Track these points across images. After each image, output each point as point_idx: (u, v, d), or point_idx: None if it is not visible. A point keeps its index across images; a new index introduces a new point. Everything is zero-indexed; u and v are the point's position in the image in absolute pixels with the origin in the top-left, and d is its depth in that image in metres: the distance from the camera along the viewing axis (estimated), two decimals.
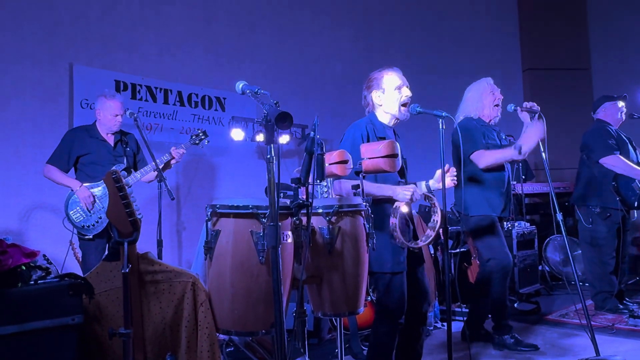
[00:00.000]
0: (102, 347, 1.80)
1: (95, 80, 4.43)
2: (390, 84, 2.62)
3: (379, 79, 2.65)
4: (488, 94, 3.52)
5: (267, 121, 1.75)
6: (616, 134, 4.23)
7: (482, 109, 3.52)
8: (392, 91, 2.61)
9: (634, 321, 3.79)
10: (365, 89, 2.70)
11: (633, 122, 4.44)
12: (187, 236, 5.00)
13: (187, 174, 5.08)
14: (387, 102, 2.63)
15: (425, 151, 4.64)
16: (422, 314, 2.63)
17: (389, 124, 2.67)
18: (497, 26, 7.94)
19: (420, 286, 2.62)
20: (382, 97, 2.63)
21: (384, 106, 2.64)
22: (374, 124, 2.62)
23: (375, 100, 2.65)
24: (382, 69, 2.68)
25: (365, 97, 2.70)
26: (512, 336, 3.35)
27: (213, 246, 1.92)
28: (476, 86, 3.60)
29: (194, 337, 1.87)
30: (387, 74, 2.65)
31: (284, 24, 5.90)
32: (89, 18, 4.54)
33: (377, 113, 2.67)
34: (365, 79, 2.74)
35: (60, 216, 3.52)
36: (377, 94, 2.64)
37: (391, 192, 2.45)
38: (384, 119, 2.67)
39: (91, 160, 3.56)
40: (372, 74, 2.70)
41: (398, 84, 2.62)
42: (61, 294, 1.70)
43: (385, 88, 2.63)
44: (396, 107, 2.62)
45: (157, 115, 4.90)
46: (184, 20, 5.16)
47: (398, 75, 2.65)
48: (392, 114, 2.64)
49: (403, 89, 2.63)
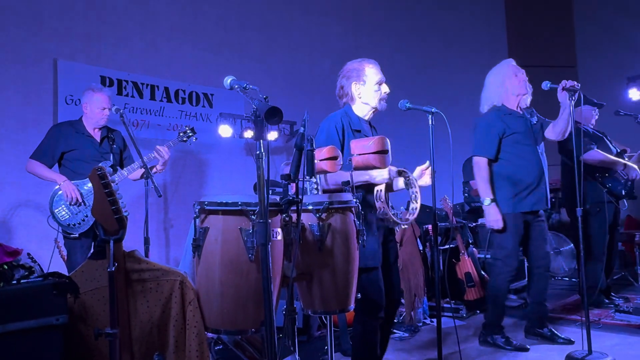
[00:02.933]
0: (87, 348, 1.76)
1: (80, 75, 4.36)
2: (372, 78, 2.59)
3: (360, 70, 2.59)
4: (511, 76, 3.36)
5: (256, 117, 1.72)
6: (591, 131, 4.25)
7: (506, 95, 3.36)
8: (373, 85, 2.58)
9: (620, 316, 3.83)
10: (343, 78, 2.62)
11: (619, 119, 4.48)
12: (175, 234, 4.95)
13: (174, 171, 5.02)
14: (366, 95, 2.59)
15: (415, 147, 4.64)
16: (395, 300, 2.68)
17: (365, 117, 2.64)
18: (485, 24, 7.98)
19: (393, 280, 2.65)
20: (362, 90, 2.59)
21: (363, 98, 2.60)
22: (349, 117, 2.58)
23: (354, 91, 2.60)
24: (361, 60, 2.63)
25: (342, 87, 2.62)
26: (504, 336, 3.36)
27: (201, 244, 1.89)
28: (497, 70, 3.44)
29: (182, 337, 1.84)
30: (368, 66, 2.61)
31: (273, 19, 5.86)
32: (74, 12, 4.46)
33: (354, 105, 2.63)
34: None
35: (45, 214, 3.46)
36: (357, 85, 2.59)
37: (368, 177, 2.42)
38: (361, 111, 2.63)
39: (76, 157, 3.49)
40: (350, 64, 2.63)
41: (379, 78, 2.60)
42: (45, 294, 1.66)
43: (366, 81, 2.59)
44: (376, 100, 2.60)
45: (143, 111, 4.84)
46: (171, 15, 5.10)
47: (378, 69, 2.63)
48: (372, 105, 2.62)
49: (383, 85, 2.62)
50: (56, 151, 3.48)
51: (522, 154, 3.32)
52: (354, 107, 2.63)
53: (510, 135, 3.32)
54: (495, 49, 7.94)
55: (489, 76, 3.48)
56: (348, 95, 2.62)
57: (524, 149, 3.33)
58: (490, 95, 3.40)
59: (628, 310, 3.82)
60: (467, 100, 6.98)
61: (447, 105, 3.82)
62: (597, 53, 7.56)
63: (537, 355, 3.16)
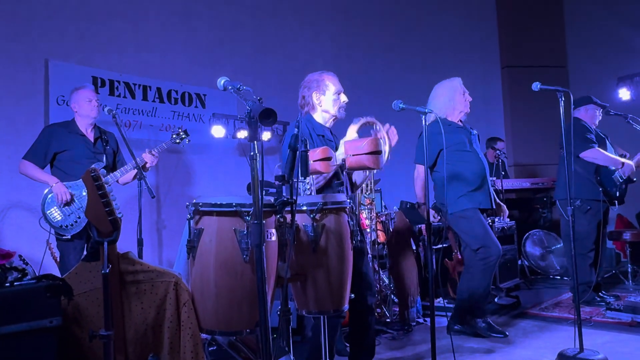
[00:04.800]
0: (82, 350, 1.76)
1: (72, 76, 4.33)
2: (331, 88, 2.72)
3: (320, 81, 2.73)
4: (460, 94, 3.63)
5: (250, 118, 1.73)
6: (594, 131, 4.31)
7: (452, 110, 3.62)
8: (332, 95, 2.71)
9: (611, 313, 3.87)
10: (304, 88, 2.76)
11: (610, 120, 4.53)
12: (168, 235, 4.94)
13: (166, 172, 5.01)
14: (326, 103, 2.72)
15: (408, 147, 4.65)
16: (368, 306, 2.65)
17: (326, 124, 2.75)
18: (477, 25, 8.02)
19: (364, 278, 2.62)
20: (323, 99, 2.72)
21: (323, 106, 2.73)
22: (312, 123, 2.70)
23: (315, 100, 2.72)
24: (321, 72, 2.78)
25: (304, 97, 2.76)
26: (485, 320, 3.43)
27: (196, 245, 1.90)
28: (448, 85, 3.67)
29: (177, 338, 1.84)
30: (328, 77, 2.75)
31: (265, 20, 5.85)
32: (65, 12, 4.43)
33: (315, 114, 2.74)
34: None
35: (37, 215, 3.44)
36: (317, 95, 2.72)
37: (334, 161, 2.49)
38: (322, 118, 2.75)
39: (69, 157, 3.47)
40: (311, 75, 2.78)
41: (337, 88, 2.73)
42: (38, 296, 1.65)
43: (326, 90, 2.71)
44: (335, 108, 2.72)
45: (135, 112, 4.82)
46: (163, 15, 5.08)
47: (337, 80, 2.77)
48: (331, 113, 2.74)
49: (341, 94, 2.75)
50: (48, 152, 3.46)
51: (466, 159, 3.56)
52: (315, 115, 2.75)
53: (452, 145, 3.52)
54: (487, 49, 7.99)
55: (439, 88, 3.69)
56: (309, 104, 2.74)
57: (466, 155, 3.57)
58: (437, 106, 3.58)
59: (619, 308, 3.85)
60: None
61: None
62: (587, 53, 7.62)
63: (529, 354, 3.19)
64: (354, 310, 2.60)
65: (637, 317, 3.69)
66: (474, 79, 7.45)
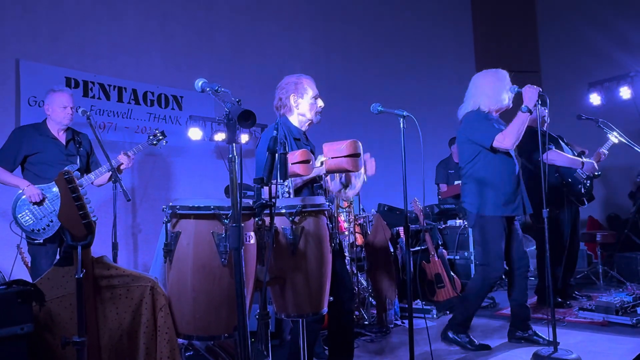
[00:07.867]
0: (54, 357, 1.71)
1: (44, 76, 4.24)
2: (309, 92, 2.70)
3: (299, 84, 2.70)
4: (506, 89, 3.30)
5: (229, 120, 1.71)
6: (545, 133, 4.34)
7: (496, 104, 3.32)
8: (310, 99, 2.70)
9: (584, 313, 3.95)
10: (281, 90, 2.73)
11: (582, 123, 4.63)
12: (143, 238, 4.86)
13: (142, 175, 4.93)
14: (303, 107, 2.70)
15: (385, 150, 4.67)
16: (347, 309, 2.65)
17: (301, 128, 2.74)
18: (452, 30, 8.15)
19: (341, 280, 2.57)
20: (300, 102, 2.70)
21: (300, 109, 2.71)
22: (288, 126, 2.68)
23: (292, 103, 2.70)
24: (299, 75, 2.75)
25: (281, 99, 2.73)
26: (467, 336, 3.41)
27: (173, 248, 1.86)
28: (496, 76, 3.34)
29: (153, 343, 1.81)
30: (306, 80, 2.73)
31: (243, 22, 5.83)
32: (37, 11, 4.33)
33: (291, 117, 2.72)
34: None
35: (6, 220, 3.34)
36: (294, 97, 2.70)
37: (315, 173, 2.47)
38: (298, 122, 2.73)
39: (40, 160, 3.38)
40: (288, 78, 2.75)
41: (315, 92, 2.72)
42: (8, 302, 1.60)
43: (304, 94, 2.70)
44: (312, 112, 2.71)
45: (110, 113, 4.74)
46: (139, 16, 5.01)
47: (314, 84, 2.75)
48: (307, 117, 2.72)
49: (318, 99, 2.73)
50: (18, 155, 3.37)
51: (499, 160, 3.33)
52: (291, 118, 2.73)
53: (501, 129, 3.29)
54: (462, 54, 8.12)
55: (483, 78, 3.38)
56: (286, 106, 2.72)
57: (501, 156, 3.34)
58: (481, 98, 3.33)
59: (591, 308, 3.93)
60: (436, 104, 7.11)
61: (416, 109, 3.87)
62: (560, 59, 7.81)
63: (505, 355, 3.23)
64: (333, 314, 2.59)
65: (609, 316, 3.78)
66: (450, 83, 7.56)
